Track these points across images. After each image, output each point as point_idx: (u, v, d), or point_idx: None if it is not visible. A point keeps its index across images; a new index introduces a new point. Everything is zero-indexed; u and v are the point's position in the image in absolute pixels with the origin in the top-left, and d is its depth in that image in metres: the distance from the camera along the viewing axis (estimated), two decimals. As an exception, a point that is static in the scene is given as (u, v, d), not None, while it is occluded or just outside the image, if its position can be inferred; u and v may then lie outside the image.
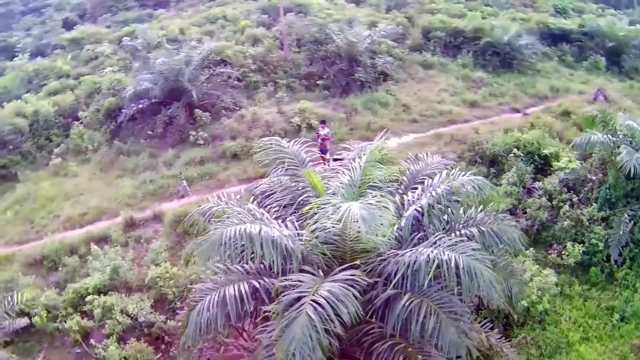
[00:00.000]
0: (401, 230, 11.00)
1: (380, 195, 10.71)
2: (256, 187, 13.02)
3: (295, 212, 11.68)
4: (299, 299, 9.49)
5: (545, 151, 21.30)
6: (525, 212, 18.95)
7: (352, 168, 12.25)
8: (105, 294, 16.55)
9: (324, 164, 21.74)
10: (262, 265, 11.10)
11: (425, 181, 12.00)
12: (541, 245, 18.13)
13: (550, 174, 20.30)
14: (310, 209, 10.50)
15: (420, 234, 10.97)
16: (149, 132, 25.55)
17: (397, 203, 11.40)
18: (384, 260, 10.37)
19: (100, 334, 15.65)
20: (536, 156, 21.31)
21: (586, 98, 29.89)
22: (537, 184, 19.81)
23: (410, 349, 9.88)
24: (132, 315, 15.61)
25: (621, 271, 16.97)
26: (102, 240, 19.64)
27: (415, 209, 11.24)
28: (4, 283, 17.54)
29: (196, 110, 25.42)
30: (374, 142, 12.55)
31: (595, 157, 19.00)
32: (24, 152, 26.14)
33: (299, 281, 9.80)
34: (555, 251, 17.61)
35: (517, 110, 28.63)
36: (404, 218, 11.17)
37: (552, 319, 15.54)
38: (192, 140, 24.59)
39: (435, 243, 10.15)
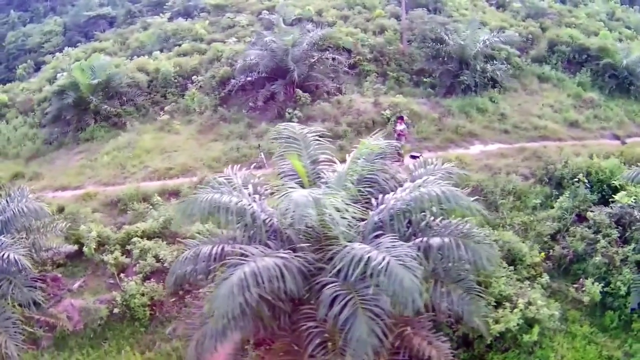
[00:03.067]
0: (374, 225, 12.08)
1: (346, 191, 11.89)
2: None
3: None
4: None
5: (616, 182, 20.70)
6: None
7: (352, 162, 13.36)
8: (150, 239, 19.13)
9: (399, 159, 22.86)
10: (245, 235, 12.85)
11: (405, 185, 12.74)
12: (571, 277, 18.17)
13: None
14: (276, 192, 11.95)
15: (380, 233, 11.88)
16: (251, 104, 27.96)
17: (356, 198, 12.41)
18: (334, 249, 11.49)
19: (132, 271, 18.33)
20: (605, 185, 20.79)
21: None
22: (589, 214, 19.38)
23: (327, 335, 11.04)
24: (161, 260, 18.02)
25: (639, 322, 16.53)
26: (174, 193, 22.29)
27: (389, 209, 12.17)
28: (74, 215, 20.70)
29: (297, 90, 27.35)
30: (368, 139, 13.40)
31: (648, 195, 18.56)
32: (138, 105, 29.68)
33: (245, 250, 11.37)
34: (581, 286, 17.43)
35: (617, 137, 27.84)
36: (373, 216, 12.21)
37: (543, 353, 15.57)
38: (288, 117, 26.44)
39: (379, 243, 11.12)
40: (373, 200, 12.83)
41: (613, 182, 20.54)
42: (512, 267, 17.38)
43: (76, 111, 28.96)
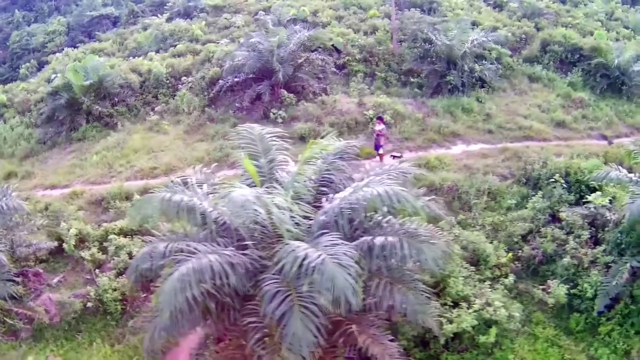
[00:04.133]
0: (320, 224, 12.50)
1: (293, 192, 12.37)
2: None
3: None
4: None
5: (594, 183, 20.76)
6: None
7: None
8: (127, 236, 19.74)
9: (379, 159, 23.32)
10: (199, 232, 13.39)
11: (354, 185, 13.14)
12: (540, 278, 18.25)
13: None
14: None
15: (324, 232, 12.28)
16: (237, 105, 28.48)
17: (306, 198, 12.85)
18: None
19: (107, 267, 19.02)
20: (584, 186, 20.87)
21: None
22: (562, 215, 19.53)
23: (267, 330, 11.51)
24: (134, 257, 18.59)
25: (607, 326, 16.42)
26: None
27: (334, 209, 12.59)
28: (56, 212, 21.37)
29: (282, 90, 27.83)
30: (322, 141, 13.82)
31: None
32: (130, 105, 30.33)
33: (192, 247, 11.89)
34: (547, 288, 17.39)
35: (605, 138, 27.98)
36: (319, 215, 12.65)
37: (502, 355, 15.75)
38: (273, 117, 27.09)
39: (320, 242, 11.54)
40: (324, 200, 13.21)
41: (592, 182, 20.46)
42: (475, 268, 17.65)
43: (69, 112, 29.73)
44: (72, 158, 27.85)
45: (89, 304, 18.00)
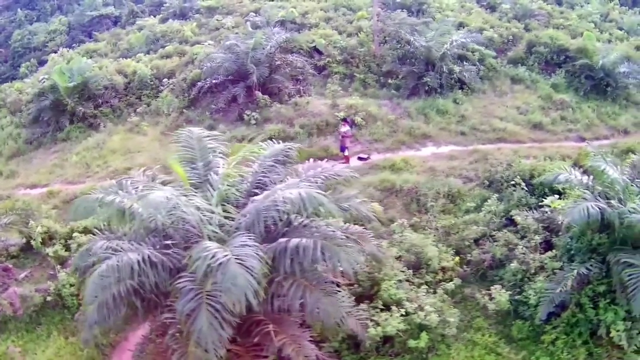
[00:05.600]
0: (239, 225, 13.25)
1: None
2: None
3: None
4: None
5: (559, 186, 20.61)
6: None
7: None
8: (90, 234, 20.65)
9: (345, 161, 23.95)
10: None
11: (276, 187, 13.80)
12: (488, 283, 18.08)
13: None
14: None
15: (241, 233, 13.00)
16: (213, 106, 29.23)
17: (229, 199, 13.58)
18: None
19: (69, 263, 19.69)
20: (547, 189, 20.49)
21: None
22: (517, 219, 19.44)
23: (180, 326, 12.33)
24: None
25: (551, 335, 16.14)
26: (126, 192, 23.85)
27: (251, 211, 13.31)
28: (25, 211, 22.34)
29: (257, 92, 28.56)
30: (249, 145, 14.56)
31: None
32: (114, 106, 31.31)
33: (118, 245, 12.81)
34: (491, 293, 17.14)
35: (583, 140, 27.60)
36: (239, 217, 13.41)
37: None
38: (247, 119, 27.79)
39: (232, 243, 12.29)
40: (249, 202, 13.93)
41: (555, 185, 20.50)
42: (416, 271, 17.88)
43: (54, 113, 30.78)
44: (54, 158, 28.87)
45: (49, 298, 18.99)
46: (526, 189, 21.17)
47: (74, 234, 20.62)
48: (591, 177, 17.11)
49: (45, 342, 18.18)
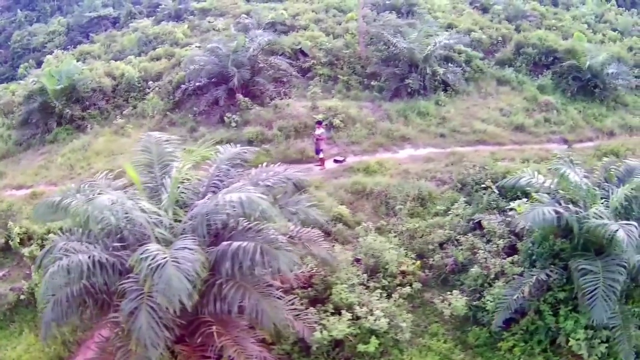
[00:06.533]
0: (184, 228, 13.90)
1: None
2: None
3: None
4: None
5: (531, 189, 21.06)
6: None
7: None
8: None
9: (320, 163, 24.50)
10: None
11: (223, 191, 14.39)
12: (449, 288, 17.95)
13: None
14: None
15: (185, 235, 13.63)
16: (195, 109, 29.90)
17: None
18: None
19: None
20: (520, 192, 20.45)
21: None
22: (484, 223, 19.40)
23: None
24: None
25: (509, 342, 16.00)
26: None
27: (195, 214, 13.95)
28: (7, 212, 23.18)
29: (238, 95, 29.20)
30: (198, 149, 15.18)
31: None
32: (102, 109, 32.12)
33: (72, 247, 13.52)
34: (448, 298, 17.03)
35: (566, 142, 28.06)
36: (185, 219, 14.07)
37: None
38: (227, 121, 28.42)
39: (174, 245, 12.94)
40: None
41: (527, 188, 20.42)
42: (373, 275, 17.79)
43: (42, 115, 31.65)
44: (41, 160, 29.64)
45: (22, 297, 19.79)
46: (497, 192, 21.29)
47: (50, 235, 21.32)
48: (555, 180, 16.96)
49: (17, 339, 18.90)
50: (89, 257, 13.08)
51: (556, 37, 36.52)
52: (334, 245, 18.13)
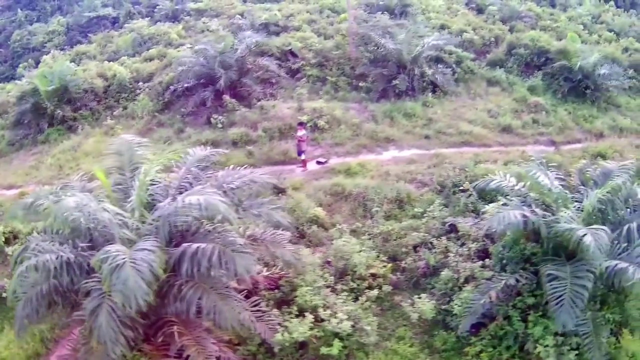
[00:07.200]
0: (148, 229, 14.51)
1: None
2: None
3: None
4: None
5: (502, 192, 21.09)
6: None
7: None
8: (48, 233, 22.13)
9: (302, 165, 24.98)
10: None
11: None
12: (420, 291, 18.16)
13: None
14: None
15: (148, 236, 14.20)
16: (183, 110, 30.49)
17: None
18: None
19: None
20: (498, 195, 20.36)
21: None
22: (459, 225, 19.63)
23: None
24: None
25: (476, 347, 16.09)
26: (90, 192, 25.29)
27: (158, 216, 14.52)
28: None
29: (225, 96, 29.74)
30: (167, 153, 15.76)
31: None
32: (94, 109, 32.80)
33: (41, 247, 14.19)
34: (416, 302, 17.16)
35: (553, 143, 28.30)
36: (148, 221, 14.65)
37: None
38: (214, 123, 28.94)
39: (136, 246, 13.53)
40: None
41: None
42: (340, 278, 18.19)
43: (34, 116, 32.34)
44: (32, 160, 30.34)
45: (4, 294, 20.36)
46: (477, 194, 21.52)
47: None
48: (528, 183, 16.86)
49: (-1, 337, 19.52)
50: (56, 257, 13.82)
51: (549, 38, 36.85)
52: (299, 248, 18.44)
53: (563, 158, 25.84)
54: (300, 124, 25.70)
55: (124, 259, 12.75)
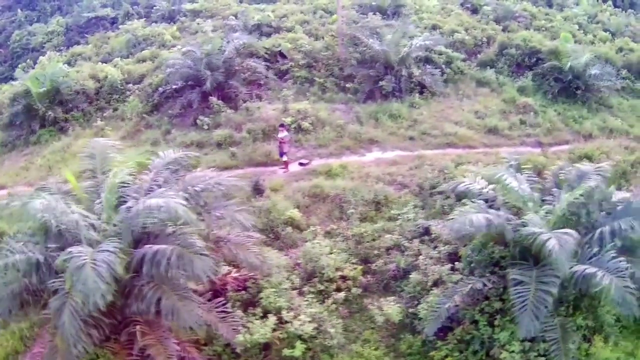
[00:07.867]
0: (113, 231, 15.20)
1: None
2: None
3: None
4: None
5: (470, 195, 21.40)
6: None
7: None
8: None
9: (284, 166, 25.52)
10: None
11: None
12: (390, 294, 18.54)
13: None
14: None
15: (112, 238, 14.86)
16: (170, 111, 31.14)
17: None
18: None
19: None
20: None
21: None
22: (432, 228, 19.88)
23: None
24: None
25: (441, 351, 16.27)
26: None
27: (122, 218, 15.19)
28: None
29: (211, 98, 30.36)
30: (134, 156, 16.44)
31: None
32: (85, 111, 33.58)
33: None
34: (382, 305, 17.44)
35: (541, 145, 28.50)
36: (115, 222, 15.34)
37: None
38: (200, 124, 29.53)
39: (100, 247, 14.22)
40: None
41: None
42: (308, 280, 18.63)
43: (26, 117, 33.14)
44: (24, 161, 31.20)
45: (-14, 293, 21.20)
46: (455, 197, 21.52)
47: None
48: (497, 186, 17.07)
49: (-16, 336, 20.29)
50: (26, 258, 14.56)
51: (542, 38, 37.16)
52: (267, 250, 18.99)
53: (548, 160, 26.02)
54: (282, 125, 26.15)
55: (84, 259, 13.47)
